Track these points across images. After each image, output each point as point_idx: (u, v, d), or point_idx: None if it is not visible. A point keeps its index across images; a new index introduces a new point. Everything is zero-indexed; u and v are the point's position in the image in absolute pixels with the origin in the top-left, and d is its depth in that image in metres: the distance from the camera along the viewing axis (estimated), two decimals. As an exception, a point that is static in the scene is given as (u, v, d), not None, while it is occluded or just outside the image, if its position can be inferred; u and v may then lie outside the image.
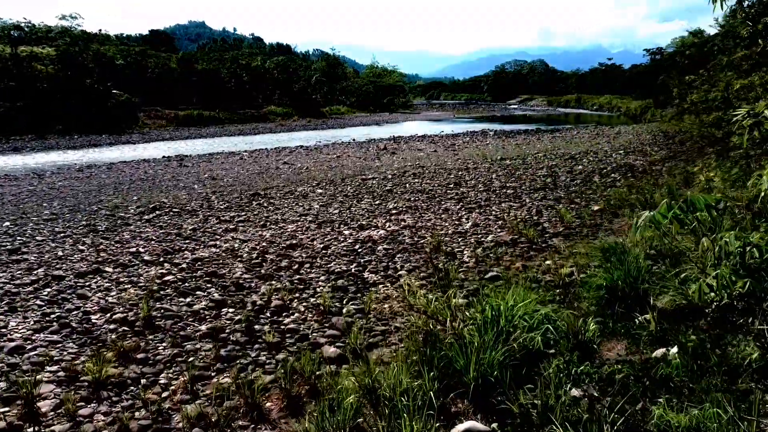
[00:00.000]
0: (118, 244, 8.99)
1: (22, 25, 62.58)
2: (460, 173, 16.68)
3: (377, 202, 12.46)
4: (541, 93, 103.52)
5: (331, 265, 7.80)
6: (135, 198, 12.97)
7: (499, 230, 9.71)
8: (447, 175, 16.38)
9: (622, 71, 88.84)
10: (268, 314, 6.01)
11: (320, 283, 7.04)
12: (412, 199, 12.84)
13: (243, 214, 11.28)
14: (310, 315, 5.98)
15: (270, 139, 33.77)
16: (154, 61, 57.64)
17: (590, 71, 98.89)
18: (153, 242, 9.06)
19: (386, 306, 6.16)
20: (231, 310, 6.12)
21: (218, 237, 9.44)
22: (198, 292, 6.70)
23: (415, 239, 9.18)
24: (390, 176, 16.21)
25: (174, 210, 11.55)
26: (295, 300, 6.43)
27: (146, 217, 10.95)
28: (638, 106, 56.95)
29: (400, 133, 36.50)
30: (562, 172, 16.76)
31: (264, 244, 8.96)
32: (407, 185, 14.65)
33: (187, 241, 9.13)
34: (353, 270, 7.51)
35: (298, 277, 7.27)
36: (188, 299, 6.47)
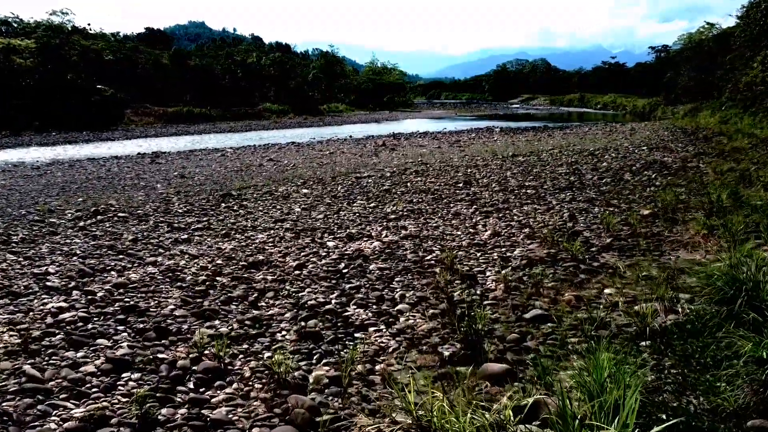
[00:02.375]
0: (27, 260, 6.78)
1: (10, 20, 60.38)
2: (469, 171, 14.48)
3: (372, 205, 10.26)
4: (543, 92, 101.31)
5: (304, 293, 5.59)
6: (80, 200, 10.75)
7: (528, 241, 7.51)
8: (454, 172, 14.18)
9: (626, 70, 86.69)
10: (190, 385, 3.80)
11: (283, 324, 4.83)
12: (414, 200, 10.63)
13: (204, 220, 9.08)
14: (256, 386, 3.77)
15: (262, 136, 31.58)
16: (145, 57, 55.39)
17: (593, 70, 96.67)
18: (74, 258, 6.85)
19: (378, 369, 3.95)
20: (135, 375, 3.91)
21: (163, 251, 7.23)
22: (99, 341, 4.48)
23: (420, 254, 6.97)
24: (388, 174, 14.01)
25: (120, 215, 9.34)
26: (241, 356, 4.22)
27: (82, 223, 8.75)
28: (646, 103, 54.77)
29: (400, 130, 34.31)
30: (585, 169, 14.57)
31: (219, 261, 6.75)
32: (408, 184, 12.44)
33: (119, 257, 6.92)
34: (333, 302, 5.29)
35: (253, 314, 5.06)
36: (80, 353, 4.26)
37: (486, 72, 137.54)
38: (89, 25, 54.44)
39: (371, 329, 4.71)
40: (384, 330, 4.68)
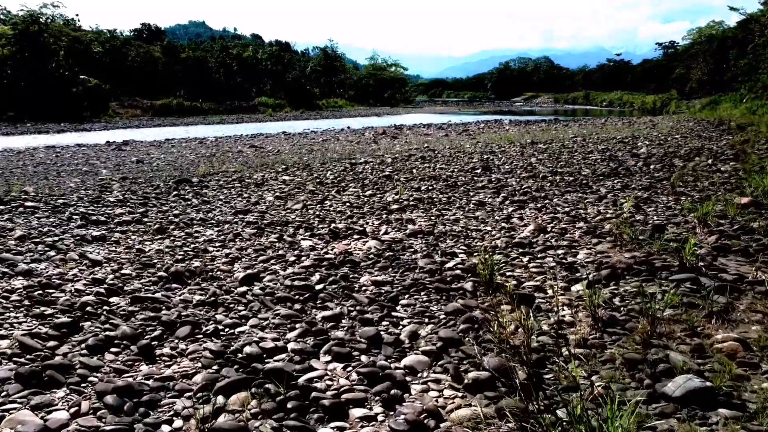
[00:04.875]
0: None
1: (-4, 11, 58.03)
2: (485, 156, 12.12)
3: (368, 193, 7.89)
4: (546, 90, 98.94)
5: (244, 328, 3.23)
6: (-8, 187, 8.38)
7: (592, 240, 5.15)
8: (468, 159, 11.82)
9: (631, 67, 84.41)
10: None
11: (180, 405, 2.46)
12: (422, 188, 8.27)
13: (140, 211, 6.70)
14: None
15: (253, 127, 29.20)
16: (136, 49, 53.05)
17: (598, 67, 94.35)
18: None
19: None
20: None
21: (55, 254, 4.86)
22: None
23: (437, 259, 4.61)
24: (389, 160, 11.64)
25: (29, 204, 6.95)
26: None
27: (-31, 215, 6.37)
28: (657, 99, 52.49)
29: (402, 122, 31.95)
30: (623, 156, 12.24)
31: (128, 270, 4.38)
32: (414, 171, 10.08)
33: (-17, 264, 4.55)
34: (290, 347, 2.93)
35: (131, 377, 2.69)
36: None
37: (488, 71, 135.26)
38: (77, 15, 51.89)
39: (355, 413, 2.34)
40: (380, 417, 2.31)
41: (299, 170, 10.28)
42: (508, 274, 4.21)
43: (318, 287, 3.89)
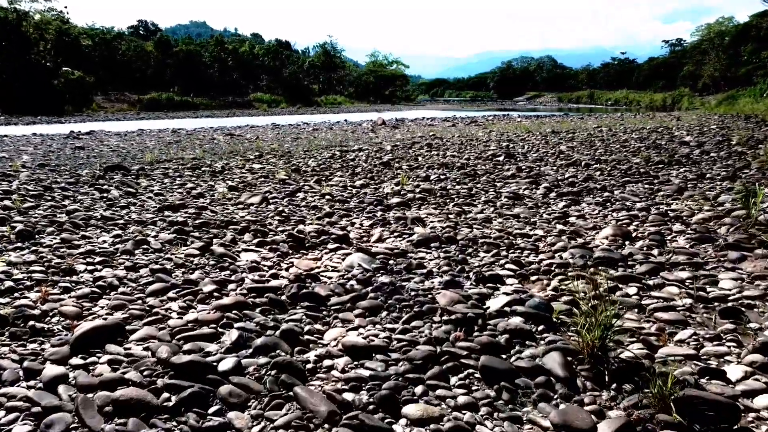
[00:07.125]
0: None
1: (-16, 5, 55.97)
2: (504, 144, 10.03)
3: (359, 183, 5.79)
4: (549, 90, 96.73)
5: None
6: None
7: (715, 249, 3.06)
8: (483, 146, 9.73)
9: (636, 65, 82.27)
10: None
11: None
12: (432, 177, 6.17)
13: (25, 206, 4.60)
14: None
15: (243, 121, 27.08)
16: (128, 43, 51.01)
17: (602, 66, 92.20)
18: None
19: None
20: None
21: None
22: None
23: (470, 292, 2.52)
24: (389, 148, 9.53)
25: None
26: None
27: None
28: (667, 96, 50.41)
29: (404, 116, 29.83)
30: (667, 144, 10.20)
31: None
32: (419, 158, 7.99)
33: None
34: None
35: None
36: None
37: (490, 70, 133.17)
38: (66, 8, 49.84)
39: None
40: None
41: (276, 158, 8.18)
42: (615, 324, 2.13)
43: (225, 366, 1.78)
